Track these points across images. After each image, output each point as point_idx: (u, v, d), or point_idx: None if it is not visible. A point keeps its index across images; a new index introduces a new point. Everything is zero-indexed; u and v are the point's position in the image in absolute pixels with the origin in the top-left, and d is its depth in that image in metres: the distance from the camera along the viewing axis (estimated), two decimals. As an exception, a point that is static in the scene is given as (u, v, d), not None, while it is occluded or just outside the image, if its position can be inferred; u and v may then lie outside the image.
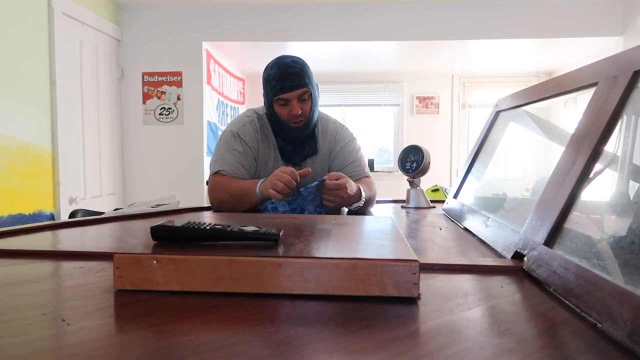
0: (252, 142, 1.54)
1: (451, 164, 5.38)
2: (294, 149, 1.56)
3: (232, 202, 1.42)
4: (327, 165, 1.60)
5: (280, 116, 1.50)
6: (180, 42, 3.71)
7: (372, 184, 1.59)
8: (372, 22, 3.72)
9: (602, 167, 0.74)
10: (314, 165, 1.56)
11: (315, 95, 1.54)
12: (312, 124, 1.55)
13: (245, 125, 1.56)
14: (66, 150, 2.86)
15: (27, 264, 0.75)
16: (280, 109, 1.49)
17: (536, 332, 0.49)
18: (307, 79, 1.48)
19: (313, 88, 1.52)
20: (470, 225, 1.07)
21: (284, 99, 1.46)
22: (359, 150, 1.65)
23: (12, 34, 2.45)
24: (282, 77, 1.45)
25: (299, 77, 1.45)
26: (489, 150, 1.38)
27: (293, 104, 1.46)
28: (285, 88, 1.44)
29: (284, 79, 1.44)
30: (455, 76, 5.37)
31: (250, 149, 1.53)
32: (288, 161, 1.57)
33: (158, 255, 0.58)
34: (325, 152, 1.61)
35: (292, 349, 0.42)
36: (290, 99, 1.46)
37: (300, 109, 1.47)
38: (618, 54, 0.73)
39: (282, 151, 1.56)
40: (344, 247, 0.66)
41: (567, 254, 0.61)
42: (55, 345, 0.44)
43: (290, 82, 1.44)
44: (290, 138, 1.54)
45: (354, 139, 1.66)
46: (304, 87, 1.46)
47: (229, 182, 1.45)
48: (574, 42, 3.88)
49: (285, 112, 1.48)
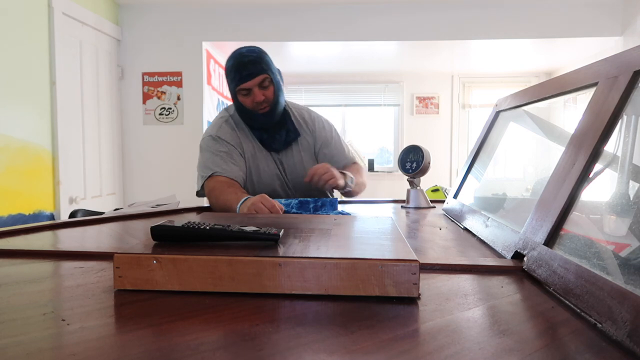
0: (233, 139, 1.56)
1: (451, 164, 5.38)
2: (271, 136, 1.58)
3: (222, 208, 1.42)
4: (313, 153, 1.64)
5: (245, 106, 1.52)
6: (180, 42, 3.71)
7: (361, 168, 1.66)
8: (372, 22, 3.72)
9: (602, 167, 0.74)
10: (301, 152, 1.61)
11: (277, 80, 1.55)
12: (279, 109, 1.57)
13: (222, 126, 1.58)
14: (66, 150, 2.86)
15: (27, 264, 0.75)
16: (244, 99, 1.51)
17: (536, 332, 0.49)
18: (264, 66, 1.49)
19: (273, 74, 1.53)
20: (470, 225, 1.07)
21: (245, 89, 1.49)
22: (340, 136, 1.70)
23: (12, 34, 2.45)
24: (239, 67, 1.47)
25: (255, 64, 1.47)
26: (489, 150, 1.38)
27: (255, 92, 1.48)
28: (244, 77, 1.46)
29: (241, 69, 1.47)
30: (455, 76, 5.37)
31: (234, 146, 1.55)
32: (270, 149, 1.59)
33: (158, 255, 0.58)
34: (308, 138, 1.64)
35: (292, 349, 0.42)
36: (250, 87, 1.48)
37: (263, 95, 1.49)
38: (618, 54, 0.73)
39: (260, 140, 1.58)
40: (344, 247, 0.66)
41: (567, 254, 0.61)
42: (55, 345, 0.44)
43: (247, 71, 1.46)
44: (263, 126, 1.56)
45: (332, 126, 1.71)
46: (262, 73, 1.48)
47: (220, 192, 1.42)
48: (574, 42, 3.88)
49: (249, 101, 1.51)
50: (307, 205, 1.36)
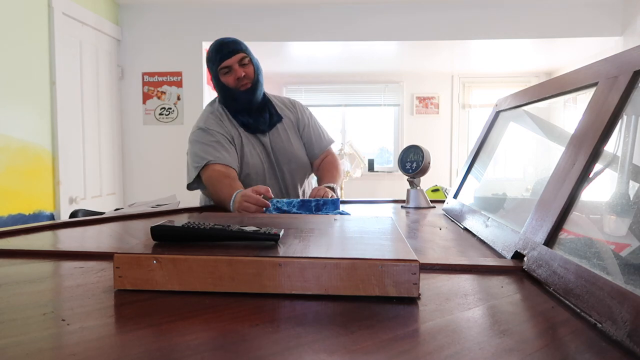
0: (222, 128, 1.62)
1: (451, 164, 5.38)
2: (255, 119, 1.65)
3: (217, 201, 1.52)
4: (297, 130, 1.75)
5: (228, 85, 1.60)
6: (180, 42, 3.71)
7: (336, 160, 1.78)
8: (372, 22, 3.72)
9: (602, 167, 0.74)
10: (287, 130, 1.71)
11: (257, 62, 1.64)
12: (260, 89, 1.64)
13: (208, 117, 1.65)
14: (66, 150, 2.86)
15: (27, 264, 0.75)
16: (226, 78, 1.59)
17: (536, 332, 0.49)
18: (243, 47, 1.61)
19: (252, 56, 1.63)
20: (470, 225, 1.07)
21: (226, 67, 1.57)
22: (317, 121, 1.83)
23: (12, 34, 2.45)
24: (219, 48, 1.58)
25: (235, 44, 1.59)
26: (489, 150, 1.38)
27: (235, 68, 1.57)
28: (225, 55, 1.57)
29: (221, 49, 1.58)
30: (455, 76, 5.37)
31: (224, 135, 1.60)
32: (256, 131, 1.65)
33: (158, 255, 0.58)
34: (292, 118, 1.75)
35: (292, 349, 0.42)
36: (231, 64, 1.57)
37: (243, 71, 1.58)
38: (618, 54, 0.73)
39: (246, 126, 1.64)
40: (344, 247, 0.66)
41: (567, 254, 0.61)
42: (55, 345, 0.44)
43: (227, 49, 1.57)
44: (245, 106, 1.63)
45: (310, 112, 1.84)
46: (241, 52, 1.59)
47: (216, 182, 1.49)
48: (574, 42, 3.88)
49: (231, 79, 1.59)
50: (309, 204, 1.36)
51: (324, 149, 1.77)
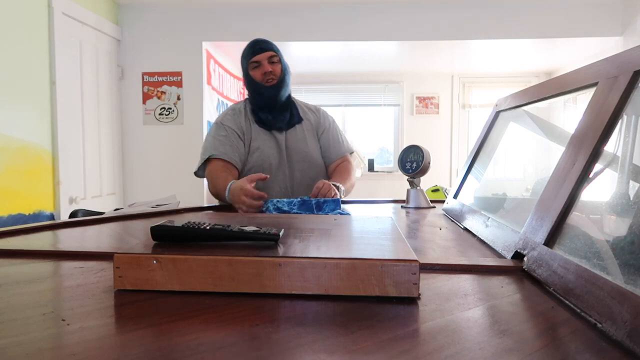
0: (235, 123, 1.73)
1: (451, 164, 5.38)
2: (275, 117, 1.73)
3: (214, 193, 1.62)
4: (315, 134, 1.81)
5: (255, 79, 1.71)
6: (180, 42, 3.71)
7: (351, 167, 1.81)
8: (372, 22, 3.72)
9: (602, 167, 0.74)
10: (304, 131, 1.78)
11: (285, 63, 1.76)
12: (285, 87, 1.74)
13: (227, 114, 1.78)
14: (66, 150, 2.86)
15: (27, 264, 0.75)
16: (254, 72, 1.71)
17: (536, 332, 0.49)
18: (274, 47, 1.74)
19: (282, 57, 1.75)
20: (470, 225, 1.07)
21: (256, 62, 1.70)
22: (339, 129, 1.89)
23: (12, 34, 2.45)
24: (253, 45, 1.72)
25: (267, 43, 1.73)
26: (489, 150, 1.38)
27: (264, 64, 1.70)
28: (256, 51, 1.70)
29: (254, 45, 1.72)
30: (455, 76, 5.37)
31: (234, 130, 1.71)
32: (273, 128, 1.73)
33: (158, 255, 0.58)
34: (312, 121, 1.82)
35: (292, 349, 0.42)
36: (260, 60, 1.70)
37: (271, 68, 1.70)
38: (618, 54, 0.73)
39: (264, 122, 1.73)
40: (344, 247, 0.66)
41: (567, 254, 0.61)
42: (55, 345, 0.44)
43: (259, 46, 1.71)
44: (269, 103, 1.72)
45: (333, 120, 1.90)
46: (271, 50, 1.72)
47: (215, 176, 1.60)
48: (574, 42, 3.88)
49: (258, 74, 1.70)
50: (309, 203, 1.36)
51: (341, 155, 1.81)
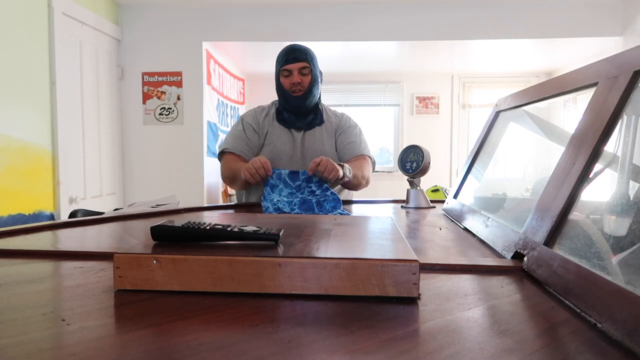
0: (253, 119, 1.82)
1: (451, 164, 5.38)
2: (297, 117, 1.79)
3: (232, 178, 1.73)
4: (333, 138, 1.84)
5: (284, 86, 1.76)
6: (180, 42, 3.71)
7: (367, 164, 1.81)
8: (372, 22, 3.72)
9: (602, 167, 0.74)
10: (323, 132, 1.82)
11: (316, 74, 1.79)
12: (311, 98, 1.78)
13: (250, 110, 1.88)
14: (66, 150, 2.86)
15: (27, 264, 0.75)
16: (284, 80, 1.76)
17: (536, 332, 0.49)
18: (309, 58, 1.76)
19: (314, 67, 1.78)
20: (470, 225, 1.07)
21: (287, 70, 1.74)
22: (361, 134, 1.90)
23: (12, 34, 2.45)
24: (289, 51, 1.75)
25: (302, 53, 1.75)
26: (489, 150, 1.37)
27: (294, 74, 1.74)
28: (290, 60, 1.74)
29: (289, 53, 1.75)
30: (455, 76, 5.37)
31: (251, 124, 1.80)
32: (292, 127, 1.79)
33: (158, 255, 0.58)
34: (333, 126, 1.85)
35: (292, 349, 0.42)
36: (292, 69, 1.74)
37: (300, 79, 1.73)
38: (618, 54, 0.73)
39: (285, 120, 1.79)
40: (344, 247, 0.66)
41: (567, 254, 0.61)
42: (55, 345, 0.44)
43: (293, 55, 1.74)
44: (291, 108, 1.78)
45: (358, 125, 1.92)
46: (305, 61, 1.74)
47: (231, 162, 1.74)
48: (574, 42, 3.88)
49: (287, 82, 1.75)
50: (309, 202, 1.37)
51: (357, 154, 1.81)
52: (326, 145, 1.80)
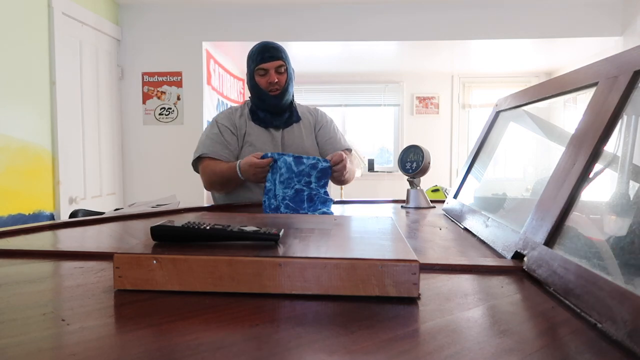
0: (228, 120, 1.76)
1: (451, 164, 5.38)
2: (273, 115, 1.77)
3: (221, 182, 1.66)
4: (312, 134, 1.84)
5: (260, 85, 1.72)
6: (180, 42, 3.71)
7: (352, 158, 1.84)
8: (372, 22, 3.72)
9: (602, 167, 0.74)
10: (302, 129, 1.82)
11: (291, 72, 1.77)
12: (287, 96, 1.76)
13: (224, 112, 1.82)
14: (66, 150, 2.86)
15: (27, 264, 0.75)
16: (260, 79, 1.72)
17: (536, 332, 0.49)
18: (284, 56, 1.73)
19: (289, 65, 1.75)
20: (470, 225, 1.07)
21: (263, 69, 1.70)
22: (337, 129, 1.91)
23: (12, 34, 2.45)
24: (263, 50, 1.71)
25: (277, 51, 1.71)
26: (489, 150, 1.37)
27: (271, 73, 1.70)
28: (265, 59, 1.69)
29: (264, 51, 1.70)
30: (455, 76, 5.36)
31: (227, 127, 1.74)
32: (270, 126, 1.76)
33: (158, 255, 0.58)
34: (310, 121, 1.85)
35: (292, 349, 0.42)
36: (268, 68, 1.70)
37: (277, 78, 1.70)
38: (618, 54, 0.73)
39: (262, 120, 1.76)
40: (344, 247, 0.66)
41: (567, 254, 0.61)
42: (55, 345, 0.44)
43: (269, 54, 1.70)
44: (268, 107, 1.75)
45: (332, 119, 1.93)
46: (280, 59, 1.71)
47: (215, 165, 1.67)
48: (574, 42, 3.88)
49: (264, 81, 1.71)
50: (301, 194, 1.37)
51: (338, 149, 1.79)
52: (307, 141, 1.79)
